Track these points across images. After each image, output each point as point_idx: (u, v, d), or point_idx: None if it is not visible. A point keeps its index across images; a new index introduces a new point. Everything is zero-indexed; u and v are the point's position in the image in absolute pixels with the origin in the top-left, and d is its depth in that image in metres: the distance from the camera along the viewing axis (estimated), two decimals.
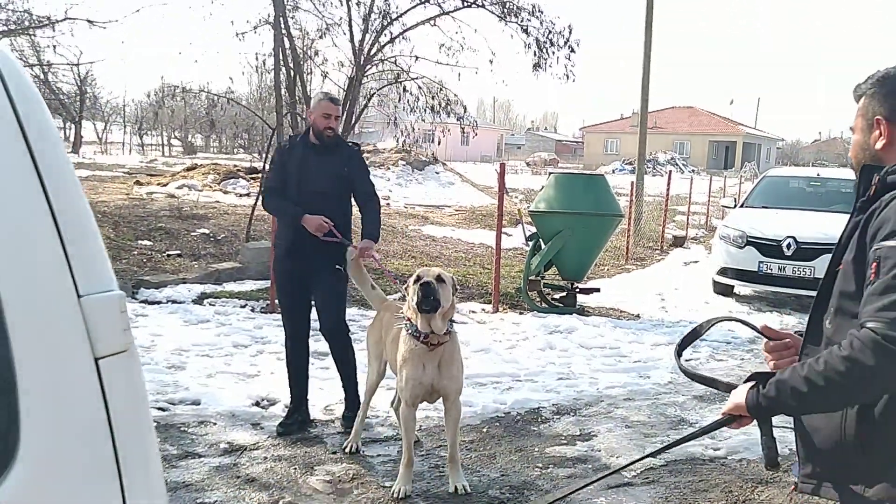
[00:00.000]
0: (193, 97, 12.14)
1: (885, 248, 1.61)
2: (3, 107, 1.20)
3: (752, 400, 1.80)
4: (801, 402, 1.72)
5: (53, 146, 1.25)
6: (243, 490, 4.01)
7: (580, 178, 9.71)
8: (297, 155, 4.80)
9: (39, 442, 1.14)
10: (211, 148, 52.90)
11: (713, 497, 4.16)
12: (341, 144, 4.92)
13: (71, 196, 1.24)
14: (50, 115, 1.30)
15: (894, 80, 1.81)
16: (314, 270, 4.76)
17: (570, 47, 11.57)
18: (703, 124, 62.71)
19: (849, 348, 1.61)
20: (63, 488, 1.17)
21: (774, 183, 11.65)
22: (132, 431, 1.25)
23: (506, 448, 4.76)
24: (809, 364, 1.69)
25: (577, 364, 6.70)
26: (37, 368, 1.14)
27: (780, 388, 1.74)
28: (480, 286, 9.81)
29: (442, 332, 3.92)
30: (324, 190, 4.72)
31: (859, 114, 1.88)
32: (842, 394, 1.66)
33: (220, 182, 17.47)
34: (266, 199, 5.05)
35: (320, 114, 4.75)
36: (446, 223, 16.18)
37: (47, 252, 1.19)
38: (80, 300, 1.20)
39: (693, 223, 19.31)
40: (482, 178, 27.50)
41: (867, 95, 1.85)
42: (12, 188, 1.17)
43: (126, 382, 1.25)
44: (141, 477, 1.26)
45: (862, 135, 1.87)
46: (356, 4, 11.21)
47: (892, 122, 1.79)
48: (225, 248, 10.40)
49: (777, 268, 9.43)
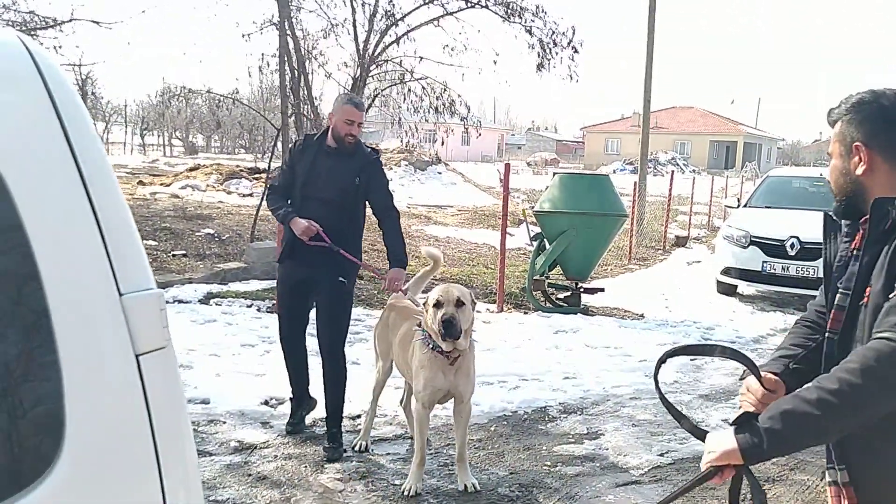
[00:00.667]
0: (199, 97, 12.16)
1: None
2: (46, 108, 1.23)
3: (748, 442, 1.64)
4: (814, 429, 1.62)
5: (94, 146, 1.28)
6: (255, 488, 4.05)
7: (585, 178, 9.74)
8: (308, 156, 4.51)
9: (83, 437, 1.17)
10: (212, 148, 52.97)
11: (721, 495, 4.18)
12: (359, 150, 4.56)
13: (111, 195, 1.28)
14: (89, 115, 1.33)
15: (869, 105, 1.81)
16: (315, 280, 4.51)
17: (573, 48, 11.61)
18: (703, 124, 62.76)
19: (862, 360, 1.57)
20: (106, 483, 1.21)
21: (777, 183, 11.69)
22: (171, 426, 1.29)
23: (514, 446, 4.80)
24: (816, 388, 1.61)
25: (583, 363, 6.73)
26: (81, 365, 1.18)
27: (787, 419, 1.61)
28: (485, 286, 9.84)
29: (464, 348, 3.97)
30: (329, 198, 4.44)
31: (836, 139, 1.88)
32: (859, 409, 1.59)
33: (224, 182, 17.52)
34: (267, 196, 4.79)
35: (343, 118, 4.43)
36: (449, 223, 16.22)
37: (90, 252, 1.22)
38: (121, 298, 1.23)
39: (695, 223, 19.34)
40: (483, 179, 27.57)
41: (843, 121, 1.85)
42: (56, 189, 1.21)
43: (165, 378, 1.29)
44: (179, 471, 1.30)
45: (841, 160, 1.88)
46: (361, 5, 11.25)
47: (871, 147, 1.79)
48: (230, 248, 10.43)
49: (780, 267, 9.47)
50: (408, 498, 3.97)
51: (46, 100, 1.23)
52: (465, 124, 13.21)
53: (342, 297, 4.58)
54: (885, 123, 1.79)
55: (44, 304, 1.14)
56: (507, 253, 9.21)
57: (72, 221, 1.21)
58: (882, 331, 1.59)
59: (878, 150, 1.79)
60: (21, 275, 1.15)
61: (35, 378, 1.15)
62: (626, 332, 8.05)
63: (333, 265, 4.45)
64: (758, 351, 7.47)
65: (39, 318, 1.15)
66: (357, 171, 4.47)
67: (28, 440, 1.15)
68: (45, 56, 1.27)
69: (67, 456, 1.15)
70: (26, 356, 1.15)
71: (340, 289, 4.53)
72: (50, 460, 1.14)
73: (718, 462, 1.70)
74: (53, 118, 1.23)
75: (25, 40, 1.26)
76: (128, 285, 1.25)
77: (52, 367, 1.15)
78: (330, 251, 4.39)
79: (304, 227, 4.35)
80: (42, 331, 1.15)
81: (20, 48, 1.24)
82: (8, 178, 1.15)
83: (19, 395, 1.14)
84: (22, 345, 1.15)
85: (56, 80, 1.25)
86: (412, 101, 12.48)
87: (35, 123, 1.21)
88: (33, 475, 1.12)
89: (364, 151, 4.60)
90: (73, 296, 1.18)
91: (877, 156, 1.79)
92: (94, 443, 1.19)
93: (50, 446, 1.14)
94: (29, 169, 1.18)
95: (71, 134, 1.24)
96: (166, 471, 1.26)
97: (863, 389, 1.56)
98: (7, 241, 1.15)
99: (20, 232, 1.14)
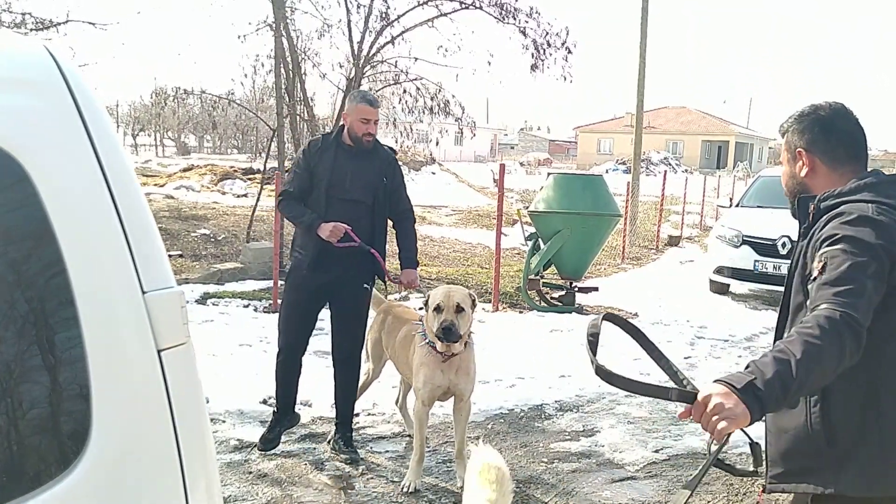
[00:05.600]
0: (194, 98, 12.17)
1: (832, 250, 1.86)
2: (71, 114, 1.28)
3: (757, 408, 1.69)
4: (807, 384, 1.73)
5: (116, 150, 1.33)
6: (256, 485, 4.09)
7: (579, 178, 9.81)
8: (328, 158, 4.31)
9: (109, 432, 1.22)
10: (205, 148, 52.84)
11: (715, 490, 4.26)
12: (379, 149, 4.42)
13: (133, 197, 1.33)
14: (109, 116, 1.38)
15: (808, 116, 2.12)
16: (337, 286, 4.36)
17: (567, 49, 11.67)
18: (695, 124, 62.97)
19: (818, 323, 1.74)
20: (131, 473, 1.26)
21: (769, 183, 11.76)
22: (191, 419, 1.34)
23: (511, 444, 4.86)
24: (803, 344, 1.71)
25: (578, 362, 6.77)
26: (107, 360, 1.23)
27: (786, 383, 1.69)
28: (480, 285, 9.90)
29: (459, 350, 4.04)
30: (358, 199, 4.29)
31: (785, 147, 2.18)
32: (835, 358, 1.73)
33: (218, 183, 17.53)
34: (282, 204, 4.48)
35: (358, 118, 4.27)
36: (444, 223, 16.27)
37: (115, 252, 1.27)
38: (144, 296, 1.28)
39: (687, 223, 19.45)
40: (476, 179, 27.62)
41: (789, 132, 2.15)
42: (82, 192, 1.26)
43: (185, 372, 1.34)
44: (200, 462, 1.35)
45: (789, 166, 2.18)
46: (356, 7, 11.29)
47: (811, 152, 2.10)
48: (226, 248, 10.47)
49: (772, 266, 9.56)
50: (407, 494, 4.03)
51: (71, 105, 1.28)
52: (459, 125, 13.27)
53: (364, 304, 4.50)
54: (822, 132, 2.09)
55: (72, 303, 1.19)
56: (501, 253, 9.27)
57: (97, 223, 1.26)
58: (823, 303, 1.79)
59: (818, 154, 2.10)
60: (50, 275, 1.20)
61: (63, 373, 1.20)
62: (621, 331, 8.09)
63: (358, 270, 4.36)
64: (750, 349, 7.56)
65: (68, 315, 1.20)
66: (383, 171, 4.36)
67: (57, 431, 1.20)
68: (69, 63, 1.32)
69: (94, 447, 1.20)
70: (55, 352, 1.20)
71: (364, 295, 4.46)
72: (78, 450, 1.19)
73: (734, 429, 1.71)
74: (78, 123, 1.28)
75: (50, 48, 1.31)
76: (150, 284, 1.30)
77: (79, 362, 1.20)
78: (360, 252, 4.27)
79: (331, 228, 4.17)
80: (70, 328, 1.20)
81: (46, 56, 1.29)
82: (37, 182, 1.20)
83: (48, 389, 1.19)
84: (51, 341, 1.20)
85: (80, 86, 1.30)
86: (407, 101, 12.53)
87: (61, 129, 1.26)
88: (63, 464, 1.17)
89: (384, 150, 4.48)
90: (99, 294, 1.23)
91: (816, 159, 2.10)
92: (120, 434, 1.24)
93: (78, 437, 1.19)
94: (56, 172, 1.23)
95: (95, 138, 1.29)
96: (187, 461, 1.31)
97: (835, 339, 1.73)
98: (37, 242, 1.20)
99: (49, 233, 1.19)
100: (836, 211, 1.96)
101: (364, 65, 11.36)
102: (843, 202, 1.97)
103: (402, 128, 13.89)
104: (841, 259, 1.83)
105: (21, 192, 1.19)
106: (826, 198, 2.02)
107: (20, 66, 1.28)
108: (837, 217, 1.94)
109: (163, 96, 11.99)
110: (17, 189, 1.19)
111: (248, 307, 8.13)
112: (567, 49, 11.67)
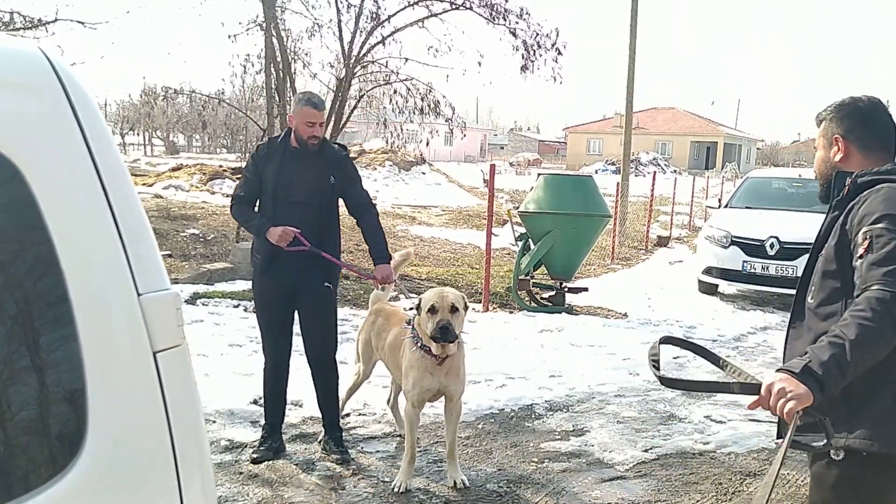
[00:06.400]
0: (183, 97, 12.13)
1: (876, 229, 1.99)
2: (67, 116, 1.28)
3: (816, 387, 1.83)
4: (862, 363, 1.86)
5: (111, 151, 1.33)
6: (246, 486, 4.09)
7: (569, 179, 9.85)
8: (275, 161, 4.31)
9: (104, 434, 1.23)
10: (194, 147, 52.65)
11: (704, 489, 4.29)
12: (327, 148, 4.40)
13: (128, 198, 1.33)
14: (103, 117, 1.39)
15: (848, 106, 2.29)
16: (299, 287, 4.36)
17: (557, 50, 11.69)
18: (684, 125, 63.26)
19: (871, 306, 1.86)
20: (127, 472, 1.26)
21: (757, 184, 11.87)
22: (186, 419, 1.35)
23: (501, 444, 4.87)
24: (857, 326, 1.84)
25: (568, 362, 6.82)
26: (102, 362, 1.23)
27: (840, 363, 1.83)
28: (470, 286, 9.92)
29: (453, 352, 4.05)
30: (304, 200, 4.28)
31: (821, 134, 2.35)
32: (888, 336, 1.86)
33: (207, 182, 17.47)
34: (234, 209, 4.51)
35: (304, 121, 4.23)
36: (434, 223, 16.28)
37: (110, 254, 1.27)
38: (139, 298, 1.29)
39: (676, 223, 19.54)
40: (466, 179, 27.65)
41: (826, 120, 2.32)
42: (78, 194, 1.26)
43: (181, 374, 1.35)
44: (194, 462, 1.36)
45: (824, 151, 2.35)
46: (346, 7, 11.28)
47: (847, 139, 2.26)
48: (215, 248, 10.43)
49: (761, 267, 9.63)
50: (398, 494, 4.04)
51: (67, 107, 1.28)
52: (449, 125, 13.28)
53: (330, 303, 4.49)
54: (859, 121, 2.26)
55: (67, 305, 1.20)
56: (492, 253, 9.30)
57: (93, 224, 1.26)
58: (873, 284, 1.91)
59: (853, 141, 2.26)
60: (45, 277, 1.21)
61: (59, 375, 1.21)
62: (610, 330, 8.15)
63: (317, 271, 4.34)
64: (739, 349, 7.61)
65: (63, 317, 1.20)
66: (330, 170, 4.33)
67: (53, 433, 1.21)
68: (64, 66, 1.32)
69: (90, 449, 1.20)
70: (51, 354, 1.20)
71: (328, 294, 4.45)
72: (74, 452, 1.20)
73: (800, 407, 1.84)
74: (74, 126, 1.28)
75: (46, 50, 1.32)
76: (146, 286, 1.30)
77: (75, 364, 1.20)
78: (311, 255, 4.27)
79: (279, 232, 4.17)
80: (66, 330, 1.20)
81: (41, 59, 1.30)
82: (33, 184, 1.20)
83: (44, 391, 1.20)
84: (46, 343, 1.21)
85: (75, 88, 1.31)
86: (397, 101, 12.53)
87: (57, 131, 1.26)
88: (59, 466, 1.18)
89: (332, 149, 4.45)
90: (95, 297, 1.24)
91: (852, 146, 2.26)
92: (115, 436, 1.24)
93: (74, 439, 1.20)
94: (52, 175, 1.23)
95: (90, 139, 1.29)
96: (182, 461, 1.32)
97: (886, 323, 1.85)
98: (32, 243, 1.20)
99: (45, 235, 1.20)
100: (875, 188, 2.11)
101: (354, 65, 11.36)
102: (882, 180, 2.12)
103: (392, 128, 13.88)
104: (886, 238, 1.96)
105: (16, 193, 1.19)
106: (864, 174, 2.17)
107: (15, 68, 1.28)
108: (877, 193, 2.08)
109: (152, 95, 11.94)
110: (12, 190, 1.19)
111: (238, 307, 8.11)
112: (557, 50, 11.70)
